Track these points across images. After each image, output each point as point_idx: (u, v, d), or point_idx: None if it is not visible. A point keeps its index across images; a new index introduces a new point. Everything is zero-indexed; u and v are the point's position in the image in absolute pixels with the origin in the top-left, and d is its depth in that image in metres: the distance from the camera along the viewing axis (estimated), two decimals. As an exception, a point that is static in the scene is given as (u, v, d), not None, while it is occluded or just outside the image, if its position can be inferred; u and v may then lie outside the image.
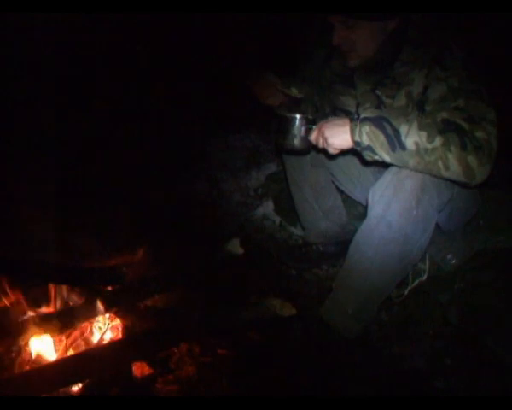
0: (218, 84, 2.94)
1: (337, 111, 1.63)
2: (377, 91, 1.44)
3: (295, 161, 1.78)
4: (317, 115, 1.66)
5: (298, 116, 1.44)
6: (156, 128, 2.71)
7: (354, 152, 1.34)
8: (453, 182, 1.27)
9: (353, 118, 1.29)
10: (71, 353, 1.38)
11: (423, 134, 1.18)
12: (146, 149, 2.60)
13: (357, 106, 1.53)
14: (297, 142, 1.45)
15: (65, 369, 1.25)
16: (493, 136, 1.18)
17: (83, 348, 1.41)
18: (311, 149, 1.53)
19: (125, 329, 1.49)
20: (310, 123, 1.43)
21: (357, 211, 2.06)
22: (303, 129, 1.43)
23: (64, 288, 1.53)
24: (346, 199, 2.00)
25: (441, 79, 1.26)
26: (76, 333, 1.43)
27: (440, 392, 1.30)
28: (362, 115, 1.27)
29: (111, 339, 1.46)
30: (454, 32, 1.32)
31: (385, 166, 1.31)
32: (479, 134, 1.17)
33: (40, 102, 2.28)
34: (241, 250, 2.04)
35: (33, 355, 1.34)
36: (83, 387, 1.24)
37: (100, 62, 2.56)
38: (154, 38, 2.83)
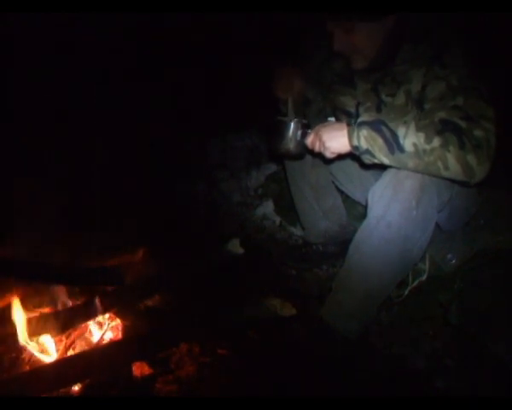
0: (218, 83, 2.94)
1: (337, 112, 1.63)
2: (377, 90, 1.44)
3: (295, 161, 1.78)
4: (317, 116, 1.66)
5: (293, 120, 1.43)
6: (156, 128, 2.71)
7: (352, 155, 1.34)
8: (453, 181, 1.27)
9: (351, 122, 1.29)
10: (71, 353, 1.38)
11: (421, 135, 1.18)
12: (146, 149, 2.60)
13: (358, 106, 1.53)
14: (292, 146, 1.45)
15: (65, 369, 1.25)
16: (492, 133, 1.18)
17: (83, 348, 1.41)
18: (307, 153, 1.53)
19: (125, 329, 1.49)
20: (304, 127, 1.43)
21: (358, 211, 2.06)
22: (299, 133, 1.42)
23: (64, 288, 1.53)
24: (346, 199, 2.00)
25: (440, 78, 1.26)
26: (76, 333, 1.43)
27: (440, 392, 1.30)
28: (359, 119, 1.28)
29: (111, 339, 1.46)
30: (454, 30, 1.32)
31: (385, 166, 1.31)
32: (477, 133, 1.17)
33: (40, 102, 2.28)
34: (241, 250, 2.04)
35: (33, 355, 1.34)
36: (83, 387, 1.24)
37: (99, 62, 2.56)
38: (155, 38, 2.83)
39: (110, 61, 2.62)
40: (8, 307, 1.40)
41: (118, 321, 1.51)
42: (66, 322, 1.41)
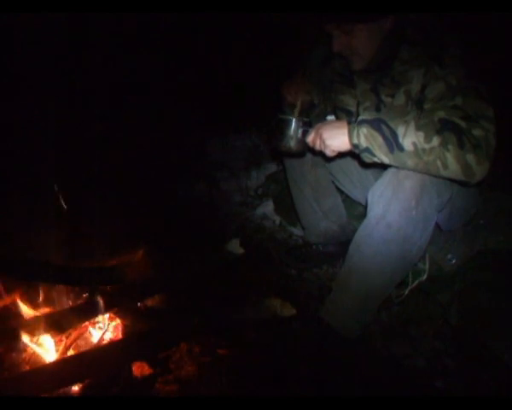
0: (219, 83, 2.95)
1: (337, 110, 1.63)
2: (377, 90, 1.45)
3: (295, 160, 1.78)
4: (318, 117, 1.66)
5: (294, 118, 1.45)
6: (156, 128, 2.72)
7: (352, 154, 1.34)
8: (452, 181, 1.27)
9: (351, 120, 1.29)
10: (71, 353, 1.38)
11: (421, 134, 1.18)
12: (146, 149, 2.60)
13: (358, 105, 1.53)
14: (293, 144, 1.46)
15: (65, 369, 1.25)
16: (491, 133, 1.18)
17: (83, 348, 1.41)
18: (308, 151, 1.53)
19: (125, 329, 1.49)
20: (306, 125, 1.44)
21: (357, 211, 2.06)
22: (300, 131, 1.44)
23: (64, 288, 1.53)
24: (346, 199, 2.00)
25: (439, 78, 1.26)
26: (76, 333, 1.43)
27: (440, 392, 1.30)
28: (359, 118, 1.28)
29: (111, 339, 1.46)
30: (452, 30, 1.32)
31: (384, 166, 1.31)
32: (476, 132, 1.17)
33: (40, 103, 2.28)
34: (241, 250, 2.04)
35: (33, 355, 1.34)
36: (83, 387, 1.24)
37: (99, 62, 2.56)
38: (155, 38, 2.83)
39: (110, 62, 2.63)
40: (9, 307, 1.40)
41: (118, 321, 1.51)
42: (66, 322, 1.41)
